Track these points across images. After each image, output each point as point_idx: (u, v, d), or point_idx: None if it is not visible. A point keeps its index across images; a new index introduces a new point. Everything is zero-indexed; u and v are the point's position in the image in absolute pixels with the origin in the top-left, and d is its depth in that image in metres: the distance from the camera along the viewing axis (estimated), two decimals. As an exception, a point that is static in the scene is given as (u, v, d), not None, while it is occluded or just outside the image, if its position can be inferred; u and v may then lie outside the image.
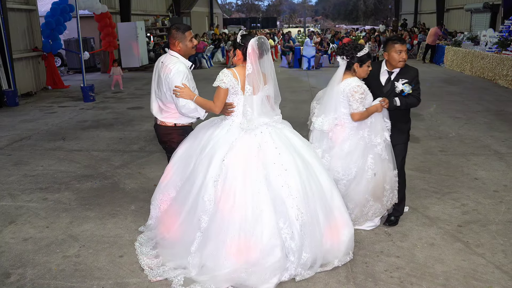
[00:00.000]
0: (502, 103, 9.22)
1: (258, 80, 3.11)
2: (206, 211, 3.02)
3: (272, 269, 2.92)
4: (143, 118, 8.37)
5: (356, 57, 3.49)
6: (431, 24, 21.85)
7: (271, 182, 3.00)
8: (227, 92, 3.15)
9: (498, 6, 16.88)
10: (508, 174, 5.10)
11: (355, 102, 3.44)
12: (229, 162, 3.01)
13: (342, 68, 3.54)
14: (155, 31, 20.83)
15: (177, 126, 3.58)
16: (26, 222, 4.07)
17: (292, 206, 2.99)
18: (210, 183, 3.03)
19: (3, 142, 6.80)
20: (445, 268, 3.22)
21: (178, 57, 3.46)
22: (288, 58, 16.60)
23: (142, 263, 3.29)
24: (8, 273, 3.24)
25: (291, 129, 3.37)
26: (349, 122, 3.54)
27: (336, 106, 3.54)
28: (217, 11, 35.35)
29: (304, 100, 9.84)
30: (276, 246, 2.91)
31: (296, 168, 3.06)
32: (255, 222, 2.91)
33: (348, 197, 3.60)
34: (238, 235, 2.92)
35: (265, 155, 3.05)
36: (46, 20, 12.14)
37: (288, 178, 3.02)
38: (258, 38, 3.12)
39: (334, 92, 3.55)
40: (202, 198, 3.04)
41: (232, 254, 2.92)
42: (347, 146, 3.55)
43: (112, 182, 5.07)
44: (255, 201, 2.94)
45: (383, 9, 55.13)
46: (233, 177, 2.98)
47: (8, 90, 9.74)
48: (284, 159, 3.06)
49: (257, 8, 71.68)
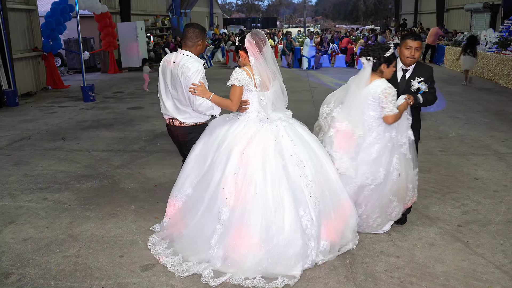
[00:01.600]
0: (502, 103, 9.23)
1: (266, 69, 3.24)
2: (226, 203, 3.09)
3: (296, 256, 3.03)
4: (143, 118, 8.37)
5: (383, 57, 3.36)
6: (431, 24, 21.85)
7: (289, 172, 3.13)
8: (242, 90, 3.26)
9: (498, 6, 16.88)
10: (508, 174, 5.10)
11: (389, 104, 3.31)
12: (249, 154, 3.13)
13: (368, 70, 3.39)
14: (155, 31, 20.84)
15: (198, 125, 3.64)
16: (26, 222, 4.07)
17: (310, 194, 3.14)
18: (230, 176, 3.12)
19: (3, 142, 6.80)
20: (445, 268, 3.22)
21: (192, 56, 3.51)
22: (288, 58, 16.59)
23: (162, 262, 3.28)
24: (8, 273, 3.24)
25: (300, 124, 3.49)
26: (377, 125, 3.41)
27: (363, 110, 3.39)
28: (217, 11, 35.38)
29: (304, 100, 9.84)
30: (297, 234, 3.02)
31: (310, 159, 3.23)
32: (276, 210, 3.02)
33: (373, 203, 3.51)
34: (260, 224, 3.01)
35: (282, 147, 3.19)
36: (46, 20, 12.14)
37: (304, 168, 3.17)
38: (250, 32, 3.31)
39: (360, 95, 3.38)
40: (222, 190, 3.11)
41: (255, 244, 3.00)
42: (375, 150, 3.41)
43: (112, 182, 5.07)
44: (275, 190, 3.05)
45: (383, 9, 55.09)
46: (253, 168, 3.09)
47: (8, 90, 9.74)
48: (299, 150, 3.21)
49: (257, 8, 71.66)
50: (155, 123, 7.89)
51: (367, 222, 3.65)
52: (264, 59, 3.25)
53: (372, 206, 3.55)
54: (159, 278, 3.15)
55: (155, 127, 7.64)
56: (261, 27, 44.38)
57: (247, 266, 3.01)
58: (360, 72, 3.46)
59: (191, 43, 3.53)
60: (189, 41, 3.52)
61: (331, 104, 3.67)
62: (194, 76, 3.37)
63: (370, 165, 3.42)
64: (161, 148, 6.38)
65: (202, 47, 3.62)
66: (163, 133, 7.20)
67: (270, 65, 3.29)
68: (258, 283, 2.98)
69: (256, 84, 3.24)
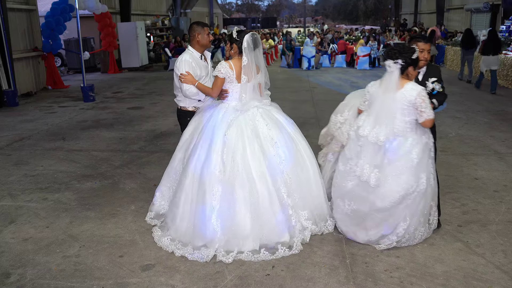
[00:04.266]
0: (502, 103, 9.23)
1: (252, 71, 3.63)
2: (219, 181, 3.40)
3: (281, 223, 3.43)
4: (143, 118, 8.38)
5: (411, 59, 3.25)
6: (431, 24, 21.85)
7: (265, 151, 3.49)
8: (223, 80, 3.66)
9: (498, 6, 16.89)
10: (508, 174, 5.10)
11: (427, 108, 3.19)
12: (231, 136, 3.47)
13: (397, 73, 3.24)
14: (155, 31, 20.83)
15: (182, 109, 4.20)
16: (26, 222, 4.07)
17: (283, 171, 3.49)
18: (214, 156, 3.44)
19: (3, 142, 6.80)
20: (445, 268, 3.22)
21: (189, 49, 4.07)
22: (287, 58, 16.59)
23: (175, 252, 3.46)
24: (8, 273, 3.24)
25: (278, 110, 3.80)
26: (410, 130, 3.29)
27: (395, 115, 3.26)
28: (217, 11, 35.37)
29: (304, 100, 9.84)
30: (277, 203, 3.41)
31: (284, 141, 3.57)
32: (259, 182, 3.39)
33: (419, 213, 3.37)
34: (248, 197, 3.37)
35: (258, 130, 3.55)
36: (46, 20, 12.12)
37: (278, 149, 3.53)
38: (251, 34, 3.61)
39: (392, 100, 3.25)
40: (212, 170, 3.40)
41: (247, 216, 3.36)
42: (415, 155, 3.26)
43: (112, 182, 5.07)
44: (257, 166, 3.42)
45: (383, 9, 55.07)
46: (235, 147, 3.45)
47: (8, 90, 9.74)
48: (273, 133, 3.56)
49: (257, 8, 71.66)
50: (155, 123, 7.90)
51: (414, 236, 3.46)
52: (253, 59, 3.59)
53: (418, 216, 3.41)
54: (159, 278, 3.15)
55: (155, 127, 7.64)
56: (261, 27, 44.40)
57: (242, 237, 3.36)
58: (387, 77, 3.29)
59: (190, 37, 4.07)
60: (189, 36, 4.09)
61: (345, 113, 3.57)
62: (180, 66, 3.92)
63: (413, 171, 3.27)
64: (161, 148, 6.38)
65: (202, 39, 4.02)
66: (163, 133, 7.20)
67: (259, 62, 3.66)
68: (265, 257, 3.33)
69: (238, 78, 3.62)
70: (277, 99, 4.17)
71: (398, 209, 3.35)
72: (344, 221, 3.63)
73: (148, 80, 13.83)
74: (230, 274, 3.17)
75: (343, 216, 3.62)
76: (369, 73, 14.42)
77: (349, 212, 3.55)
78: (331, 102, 9.70)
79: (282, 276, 3.14)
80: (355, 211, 3.51)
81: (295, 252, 3.39)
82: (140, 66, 16.35)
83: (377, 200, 3.36)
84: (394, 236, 3.43)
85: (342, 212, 3.61)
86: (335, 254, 3.42)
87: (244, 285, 3.06)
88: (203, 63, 4.08)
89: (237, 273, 3.19)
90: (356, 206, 3.49)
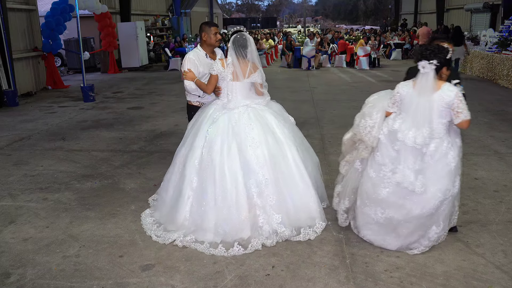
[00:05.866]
0: (502, 103, 9.23)
1: (237, 70, 3.74)
2: (196, 173, 3.65)
3: (244, 222, 3.50)
4: (143, 118, 8.38)
5: (446, 60, 3.14)
6: (432, 24, 21.85)
7: (242, 150, 3.59)
8: (217, 77, 3.83)
9: (498, 6, 16.89)
10: (508, 174, 5.10)
11: (464, 109, 3.10)
12: (212, 132, 3.68)
13: (432, 74, 3.11)
14: (155, 31, 20.83)
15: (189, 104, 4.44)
16: (26, 222, 4.07)
17: (258, 172, 3.55)
18: (197, 149, 3.70)
19: (3, 142, 6.80)
20: (445, 268, 3.22)
21: (197, 48, 4.31)
22: (287, 58, 16.59)
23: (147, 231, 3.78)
24: (8, 273, 3.24)
25: (271, 111, 3.86)
26: (445, 132, 3.20)
27: (432, 117, 3.15)
28: (217, 11, 35.36)
29: (304, 100, 9.84)
30: (244, 201, 3.51)
31: (266, 142, 3.62)
32: (230, 178, 3.52)
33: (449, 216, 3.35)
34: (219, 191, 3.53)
35: (239, 129, 3.65)
36: (46, 20, 12.12)
37: (256, 149, 3.59)
38: (238, 34, 3.78)
39: (428, 102, 3.13)
40: (193, 162, 3.68)
41: (212, 207, 3.53)
42: (452, 158, 3.17)
43: (112, 182, 5.07)
44: (230, 161, 3.56)
45: (383, 9, 55.08)
46: (213, 143, 3.63)
47: (8, 90, 9.73)
48: (255, 134, 3.63)
49: (257, 8, 71.65)
50: (155, 123, 7.90)
51: (439, 237, 3.40)
52: (241, 57, 3.74)
53: (449, 219, 3.38)
54: (159, 278, 3.15)
55: (155, 127, 7.64)
56: (261, 27, 44.40)
57: (208, 228, 3.51)
58: (422, 78, 3.15)
59: (200, 36, 4.34)
60: (200, 35, 4.37)
61: (374, 116, 3.39)
62: (184, 63, 4.18)
63: (451, 175, 3.19)
64: (161, 148, 6.38)
65: (208, 38, 4.22)
66: (163, 133, 7.20)
67: (254, 60, 3.80)
68: (218, 252, 3.41)
69: (227, 75, 3.77)
70: (277, 99, 4.16)
71: (434, 214, 3.26)
72: (373, 230, 3.47)
73: (148, 80, 13.83)
74: (230, 274, 3.18)
75: (373, 225, 3.45)
76: (369, 73, 14.42)
77: (381, 220, 3.38)
78: (331, 102, 9.72)
79: (282, 276, 3.14)
80: (389, 219, 3.35)
81: (248, 252, 3.40)
82: (140, 66, 16.35)
83: (415, 207, 3.22)
84: (426, 241, 3.36)
85: (373, 221, 3.43)
86: (335, 254, 3.41)
87: (244, 285, 3.06)
88: (208, 61, 4.22)
89: (237, 273, 3.19)
90: (390, 214, 3.32)
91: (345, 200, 3.70)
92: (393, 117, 3.34)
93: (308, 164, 3.82)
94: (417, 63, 3.17)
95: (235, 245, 3.42)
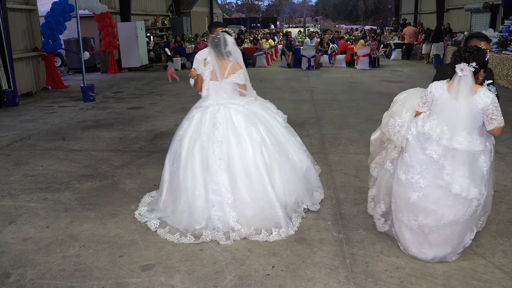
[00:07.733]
0: (502, 103, 9.11)
1: (216, 69, 3.87)
2: (170, 163, 4.00)
3: (200, 213, 3.71)
4: (143, 118, 8.37)
5: (484, 62, 3.02)
6: (432, 24, 21.85)
7: (204, 147, 3.76)
8: (200, 76, 4.03)
9: (498, 6, 16.88)
10: (508, 174, 5.09)
11: (499, 115, 3.00)
12: (186, 127, 3.95)
13: (470, 77, 2.98)
14: (155, 31, 20.83)
15: None
16: (26, 222, 4.07)
17: (217, 170, 3.68)
18: (175, 142, 3.99)
19: (3, 142, 6.80)
20: (445, 268, 3.22)
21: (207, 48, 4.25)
22: (287, 58, 16.58)
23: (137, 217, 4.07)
24: (8, 273, 3.24)
25: (246, 111, 3.92)
26: (479, 137, 3.09)
27: (467, 121, 3.04)
28: (217, 11, 35.33)
29: (304, 100, 9.83)
30: (201, 195, 3.70)
31: (227, 142, 3.74)
32: (192, 173, 3.74)
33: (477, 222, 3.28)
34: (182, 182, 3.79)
35: (207, 127, 3.82)
36: (46, 20, 12.12)
37: (220, 147, 3.73)
38: (217, 34, 3.91)
39: (464, 106, 3.02)
40: (171, 153, 4.02)
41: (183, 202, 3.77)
42: (483, 162, 3.09)
43: (112, 182, 5.07)
44: (192, 157, 3.76)
45: (383, 9, 55.10)
46: (184, 137, 3.90)
47: (8, 90, 9.73)
48: (220, 132, 3.77)
49: (257, 8, 71.61)
50: (155, 123, 7.89)
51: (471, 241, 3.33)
52: (221, 57, 3.86)
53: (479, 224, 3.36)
54: (159, 278, 3.15)
55: (155, 127, 7.64)
56: (261, 27, 44.40)
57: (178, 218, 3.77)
58: (459, 81, 3.00)
59: None
60: None
61: (404, 115, 3.27)
62: (193, 63, 4.36)
63: (485, 180, 3.11)
64: (161, 148, 6.38)
65: None
66: (163, 133, 7.20)
67: (238, 60, 3.91)
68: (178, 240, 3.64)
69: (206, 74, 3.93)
70: (277, 99, 4.18)
71: (469, 220, 3.18)
72: (404, 236, 3.34)
73: (148, 80, 13.83)
74: (230, 274, 3.18)
75: (406, 232, 3.32)
76: (369, 73, 14.42)
77: (415, 228, 3.24)
78: (331, 102, 9.72)
79: (282, 276, 3.14)
80: (421, 226, 3.22)
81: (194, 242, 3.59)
82: (140, 66, 16.35)
83: (448, 212, 3.12)
84: (461, 249, 3.30)
85: (406, 227, 3.30)
86: (335, 254, 3.41)
87: (244, 285, 3.06)
88: None
89: (237, 273, 3.19)
90: (422, 220, 3.20)
91: (380, 204, 3.58)
92: (423, 118, 3.22)
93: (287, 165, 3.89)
94: (454, 65, 3.01)
95: (188, 236, 3.66)
